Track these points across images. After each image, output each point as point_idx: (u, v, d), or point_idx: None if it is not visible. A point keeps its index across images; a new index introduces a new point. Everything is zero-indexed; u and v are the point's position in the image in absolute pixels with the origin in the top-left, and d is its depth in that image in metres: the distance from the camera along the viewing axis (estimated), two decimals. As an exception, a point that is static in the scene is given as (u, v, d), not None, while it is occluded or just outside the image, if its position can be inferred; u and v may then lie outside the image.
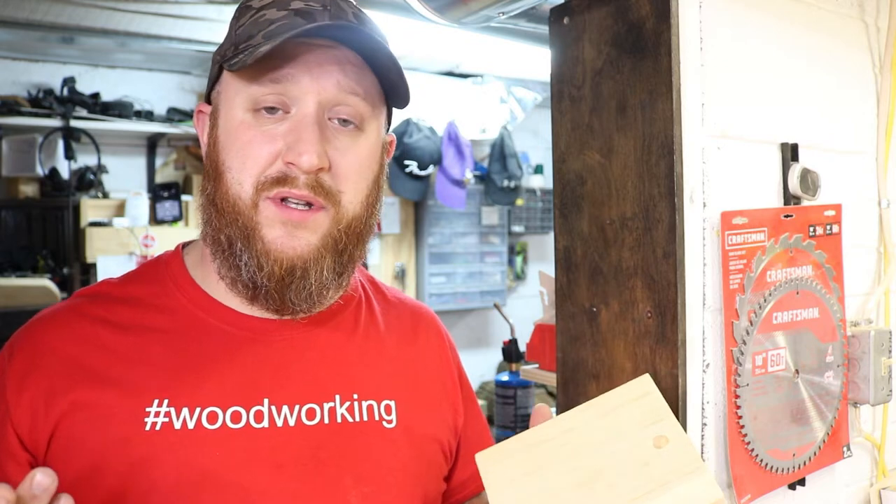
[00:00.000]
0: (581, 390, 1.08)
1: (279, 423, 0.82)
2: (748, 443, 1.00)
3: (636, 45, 0.99)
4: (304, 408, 0.84)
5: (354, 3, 0.88)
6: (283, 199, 0.81)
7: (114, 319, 0.84)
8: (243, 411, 0.81)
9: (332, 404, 0.86)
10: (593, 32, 1.04)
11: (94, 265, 3.42)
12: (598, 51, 1.04)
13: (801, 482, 1.08)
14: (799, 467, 1.07)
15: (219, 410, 0.81)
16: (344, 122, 0.83)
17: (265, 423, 0.82)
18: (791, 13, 1.13)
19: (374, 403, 0.89)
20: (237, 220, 0.81)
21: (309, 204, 0.81)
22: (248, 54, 0.79)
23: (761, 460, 1.02)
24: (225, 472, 0.79)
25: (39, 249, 3.44)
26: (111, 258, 3.40)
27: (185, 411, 0.80)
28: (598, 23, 1.04)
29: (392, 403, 0.90)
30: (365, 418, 0.87)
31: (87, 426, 0.78)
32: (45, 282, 3.23)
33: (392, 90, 0.88)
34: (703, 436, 0.99)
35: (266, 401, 0.83)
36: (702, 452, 0.99)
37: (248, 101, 0.81)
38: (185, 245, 0.94)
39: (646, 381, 0.82)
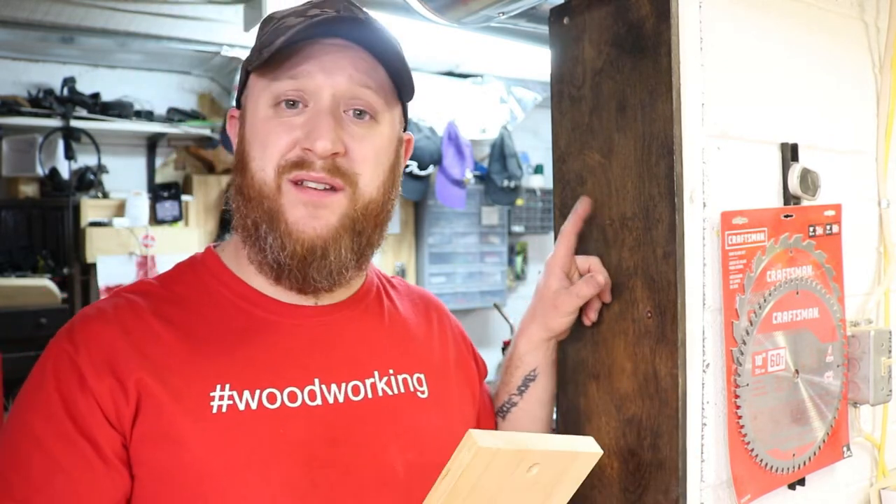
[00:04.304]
0: (581, 390, 1.08)
1: (330, 400, 0.89)
2: (748, 443, 1.00)
3: (636, 45, 0.99)
4: (350, 385, 0.91)
5: (359, 5, 0.94)
6: (300, 182, 0.88)
7: (165, 315, 0.89)
8: (298, 391, 0.88)
9: (372, 380, 0.93)
10: (593, 32, 1.04)
11: (94, 265, 3.41)
12: (598, 51, 1.04)
13: (801, 482, 1.08)
14: (799, 467, 1.07)
15: (276, 391, 0.87)
16: (359, 113, 0.91)
17: (319, 402, 0.88)
18: (791, 13, 1.13)
19: (408, 377, 0.97)
20: (262, 203, 0.88)
21: (329, 188, 0.89)
22: (266, 52, 0.86)
23: (761, 460, 1.02)
24: (288, 449, 0.84)
25: (39, 249, 3.43)
26: (111, 258, 3.39)
27: (246, 394, 0.85)
28: (598, 23, 1.04)
29: (422, 376, 0.98)
30: (402, 390, 0.95)
31: (158, 411, 0.82)
32: (45, 282, 3.23)
33: (402, 85, 0.95)
34: (703, 436, 0.99)
35: (317, 380, 0.89)
36: (701, 452, 0.99)
37: (271, 98, 0.89)
38: (215, 245, 1.00)
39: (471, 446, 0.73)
